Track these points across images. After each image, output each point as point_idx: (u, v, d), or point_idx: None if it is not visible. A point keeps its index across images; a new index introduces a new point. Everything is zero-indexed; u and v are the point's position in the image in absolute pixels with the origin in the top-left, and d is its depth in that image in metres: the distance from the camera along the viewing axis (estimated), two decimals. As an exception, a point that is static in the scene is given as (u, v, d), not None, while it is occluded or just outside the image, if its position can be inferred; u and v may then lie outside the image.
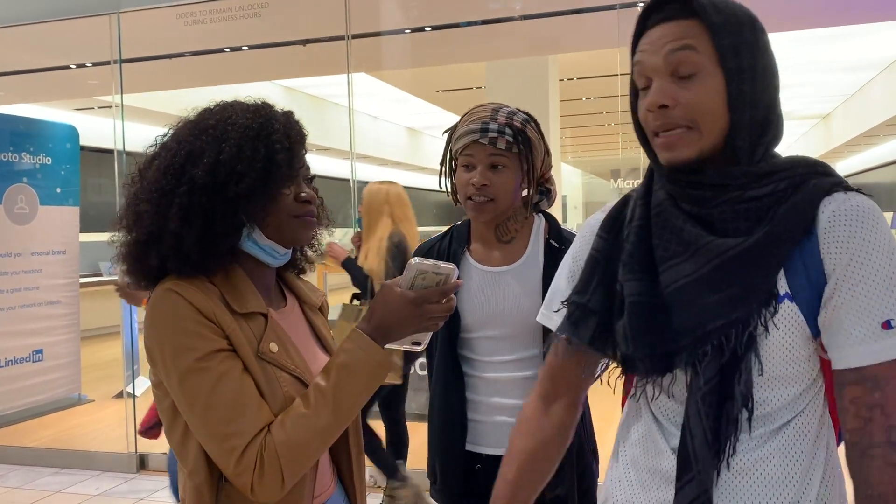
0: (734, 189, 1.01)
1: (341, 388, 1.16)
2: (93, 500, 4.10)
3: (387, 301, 1.21)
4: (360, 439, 1.39)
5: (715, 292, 1.00)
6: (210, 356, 1.13)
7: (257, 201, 1.20)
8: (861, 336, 0.96)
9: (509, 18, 4.98)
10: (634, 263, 1.08)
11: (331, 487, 1.34)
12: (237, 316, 1.19)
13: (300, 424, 1.13)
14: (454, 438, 1.77)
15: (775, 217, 0.99)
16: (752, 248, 0.98)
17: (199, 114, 1.26)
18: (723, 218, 1.01)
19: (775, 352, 1.01)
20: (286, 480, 1.12)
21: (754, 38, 1.01)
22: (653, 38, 1.03)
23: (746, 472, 1.02)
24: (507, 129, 1.68)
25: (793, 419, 1.03)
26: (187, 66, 5.94)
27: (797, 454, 1.02)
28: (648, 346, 1.04)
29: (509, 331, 1.73)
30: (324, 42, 5.33)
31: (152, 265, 1.19)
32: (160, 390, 1.20)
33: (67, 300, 5.84)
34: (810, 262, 0.98)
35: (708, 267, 1.00)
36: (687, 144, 1.01)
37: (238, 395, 1.12)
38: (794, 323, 0.99)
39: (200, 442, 1.15)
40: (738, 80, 1.00)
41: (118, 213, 1.26)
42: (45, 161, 5.80)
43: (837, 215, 0.98)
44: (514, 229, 1.78)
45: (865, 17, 5.57)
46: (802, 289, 0.99)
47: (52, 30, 5.07)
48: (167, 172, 1.19)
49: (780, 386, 1.02)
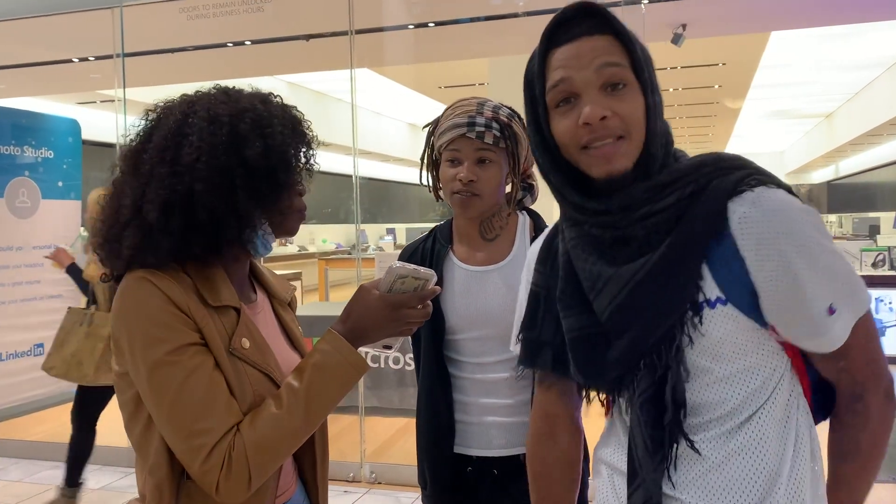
0: (641, 205, 1.02)
1: (315, 389, 1.14)
2: (93, 494, 4.11)
3: (364, 304, 1.20)
4: (325, 440, 1.37)
5: (639, 314, 1.03)
6: (182, 349, 1.09)
7: (289, 190, 1.22)
8: (813, 329, 1.00)
9: (512, 15, 4.97)
10: (567, 298, 1.12)
11: (292, 487, 1.32)
12: (210, 309, 1.15)
13: (271, 425, 1.10)
14: (442, 441, 1.75)
15: (677, 227, 1.01)
16: (659, 264, 1.01)
17: (215, 94, 1.20)
18: (638, 235, 1.03)
19: (722, 355, 1.03)
20: (253, 481, 1.09)
21: (646, 53, 1.06)
22: (577, 53, 1.03)
23: (718, 469, 1.03)
24: (493, 123, 1.65)
25: (757, 411, 1.04)
26: (190, 61, 5.93)
27: (765, 445, 1.03)
28: (594, 375, 1.11)
29: (496, 331, 1.69)
30: (327, 37, 5.32)
31: (207, 242, 1.14)
32: (123, 381, 1.15)
33: (69, 294, 5.82)
34: (733, 261, 0.99)
35: (623, 294, 1.03)
36: (624, 154, 1.03)
37: (208, 391, 1.09)
38: (734, 323, 1.01)
39: (165, 438, 1.11)
40: (651, 91, 1.04)
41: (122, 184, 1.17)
42: (48, 155, 5.80)
43: (748, 218, 0.98)
44: (498, 226, 1.75)
45: (870, 16, 5.55)
46: (734, 288, 1.00)
47: (55, 23, 5.07)
48: (215, 151, 1.12)
49: (736, 384, 1.04)
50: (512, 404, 1.71)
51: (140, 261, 1.14)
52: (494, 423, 1.71)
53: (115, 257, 1.16)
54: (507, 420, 1.71)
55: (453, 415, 1.75)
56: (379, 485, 4.09)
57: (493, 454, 1.72)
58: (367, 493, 4.03)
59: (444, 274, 1.75)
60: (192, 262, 1.17)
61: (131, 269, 1.15)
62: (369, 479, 4.16)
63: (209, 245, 1.15)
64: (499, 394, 1.71)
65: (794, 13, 5.04)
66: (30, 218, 5.64)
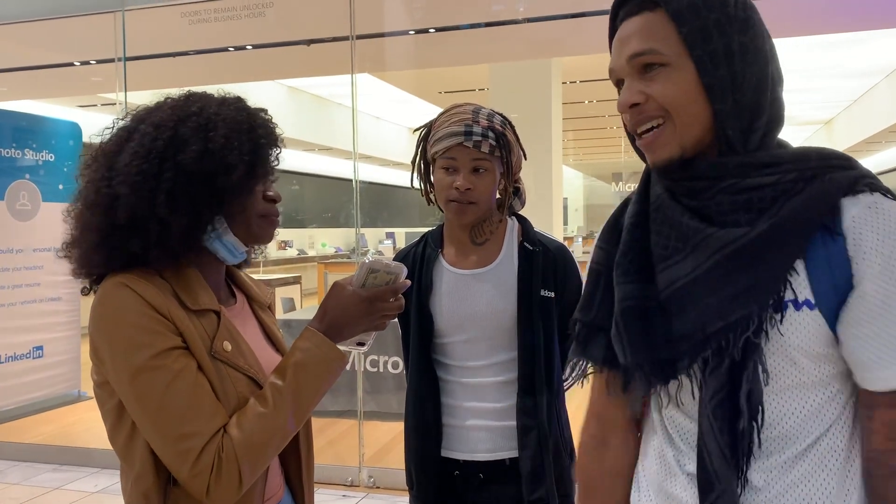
0: (730, 177, 0.93)
1: (299, 386, 1.15)
2: (91, 497, 4.10)
3: (339, 299, 1.21)
4: (310, 440, 1.37)
5: (715, 292, 0.92)
6: (164, 354, 1.08)
7: (238, 195, 1.18)
8: (894, 357, 0.88)
9: (513, 21, 4.98)
10: (628, 263, 1.02)
11: (280, 491, 1.32)
12: (190, 313, 1.15)
13: (259, 424, 1.10)
14: (429, 444, 1.76)
15: (783, 209, 0.91)
16: (755, 243, 0.90)
17: (171, 101, 1.21)
18: (720, 210, 0.94)
19: (791, 361, 0.93)
20: (244, 482, 1.09)
21: (727, 17, 0.93)
22: (620, 38, 0.99)
23: (773, 502, 0.94)
24: (489, 132, 1.66)
25: (820, 438, 0.94)
26: (191, 65, 5.95)
27: (827, 478, 0.93)
28: (646, 352, 0.98)
29: (484, 333, 1.71)
30: (328, 42, 5.34)
31: (132, 252, 1.13)
32: (104, 391, 1.14)
33: (68, 297, 5.84)
34: (836, 265, 0.89)
35: (708, 263, 0.93)
36: (666, 142, 0.96)
37: (193, 394, 1.08)
38: (815, 333, 0.91)
39: (151, 444, 1.10)
40: (712, 65, 0.93)
41: (77, 193, 1.19)
42: (48, 158, 5.80)
43: (864, 220, 0.88)
44: (488, 231, 1.76)
45: (869, 24, 5.57)
46: (827, 295, 0.90)
47: (57, 27, 5.08)
48: (148, 156, 1.13)
49: (798, 397, 0.94)
50: (499, 409, 1.72)
51: (87, 268, 1.17)
52: (481, 428, 1.72)
53: (75, 266, 1.19)
54: (493, 424, 1.72)
55: (441, 418, 1.76)
56: (377, 489, 4.09)
57: (479, 458, 1.73)
58: (365, 497, 4.03)
59: (433, 277, 1.76)
60: (170, 267, 1.17)
61: (93, 275, 1.17)
62: (368, 483, 4.16)
63: (161, 251, 1.13)
64: (486, 398, 1.73)
65: (794, 21, 5.06)
66: (30, 221, 5.65)
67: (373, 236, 15.90)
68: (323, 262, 11.35)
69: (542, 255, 1.73)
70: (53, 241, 5.66)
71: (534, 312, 1.69)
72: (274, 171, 1.26)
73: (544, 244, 1.75)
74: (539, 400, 1.68)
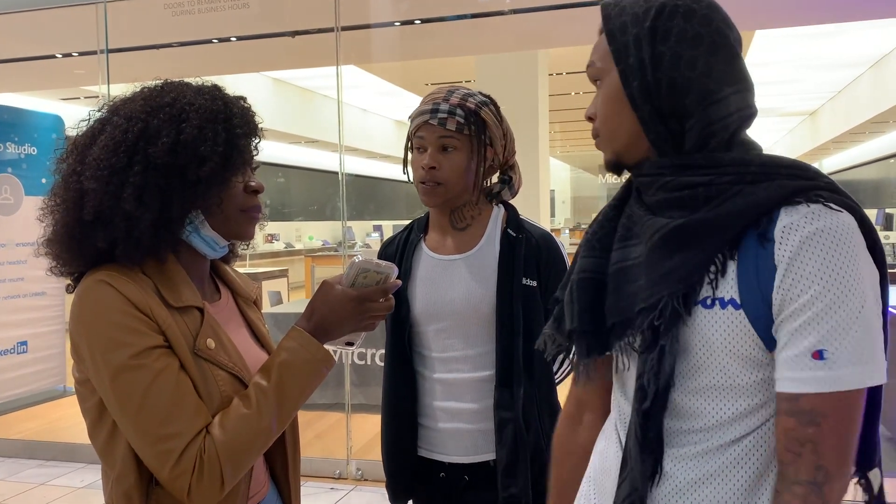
0: (667, 176, 0.99)
1: (284, 387, 1.12)
2: (77, 493, 4.09)
3: (328, 299, 1.19)
4: (296, 438, 1.35)
5: (646, 275, 0.99)
6: (145, 353, 1.06)
7: (214, 187, 1.15)
8: (791, 360, 0.89)
9: (499, 12, 4.96)
10: (596, 241, 1.10)
11: (265, 487, 1.30)
12: (172, 310, 1.12)
13: (242, 425, 1.09)
14: (404, 443, 1.73)
15: (712, 206, 0.95)
16: (679, 230, 0.96)
17: (146, 91, 1.18)
18: (659, 205, 1.01)
19: (715, 359, 0.95)
20: (226, 483, 1.07)
21: (645, 31, 0.98)
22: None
23: (683, 493, 0.97)
24: (458, 109, 1.62)
25: (742, 438, 0.95)
26: (174, 57, 5.89)
27: (741, 478, 0.95)
28: (590, 322, 1.06)
29: (459, 321, 1.66)
30: (313, 34, 5.30)
31: (99, 248, 1.11)
32: (84, 388, 1.12)
33: (53, 292, 5.80)
34: (763, 270, 0.92)
35: (646, 249, 1.00)
36: (602, 148, 1.08)
37: (175, 394, 1.06)
38: (738, 332, 0.93)
39: (132, 444, 1.08)
40: (634, 76, 0.99)
41: (51, 189, 1.17)
42: (31, 151, 5.75)
43: (796, 227, 0.90)
44: (469, 216, 1.72)
45: (853, 15, 5.60)
46: (753, 297, 0.92)
47: (39, 19, 5.02)
48: (118, 149, 1.10)
49: (723, 398, 0.96)
50: (477, 409, 1.68)
51: (62, 265, 1.17)
52: (461, 431, 1.69)
53: (53, 263, 1.19)
54: (471, 427, 1.68)
55: (416, 415, 1.73)
56: (365, 482, 4.10)
57: (464, 461, 1.70)
58: (353, 489, 4.04)
59: (412, 262, 1.73)
60: (151, 263, 1.15)
61: (71, 272, 1.16)
62: (356, 476, 4.17)
63: (128, 247, 1.11)
64: (463, 397, 1.68)
65: (778, 12, 5.08)
66: (13, 215, 5.59)
67: (360, 229, 15.87)
68: (310, 256, 11.31)
69: (526, 242, 1.69)
70: (37, 235, 5.61)
71: (514, 301, 1.64)
72: (253, 161, 1.23)
73: (528, 231, 1.71)
74: (516, 392, 1.63)
